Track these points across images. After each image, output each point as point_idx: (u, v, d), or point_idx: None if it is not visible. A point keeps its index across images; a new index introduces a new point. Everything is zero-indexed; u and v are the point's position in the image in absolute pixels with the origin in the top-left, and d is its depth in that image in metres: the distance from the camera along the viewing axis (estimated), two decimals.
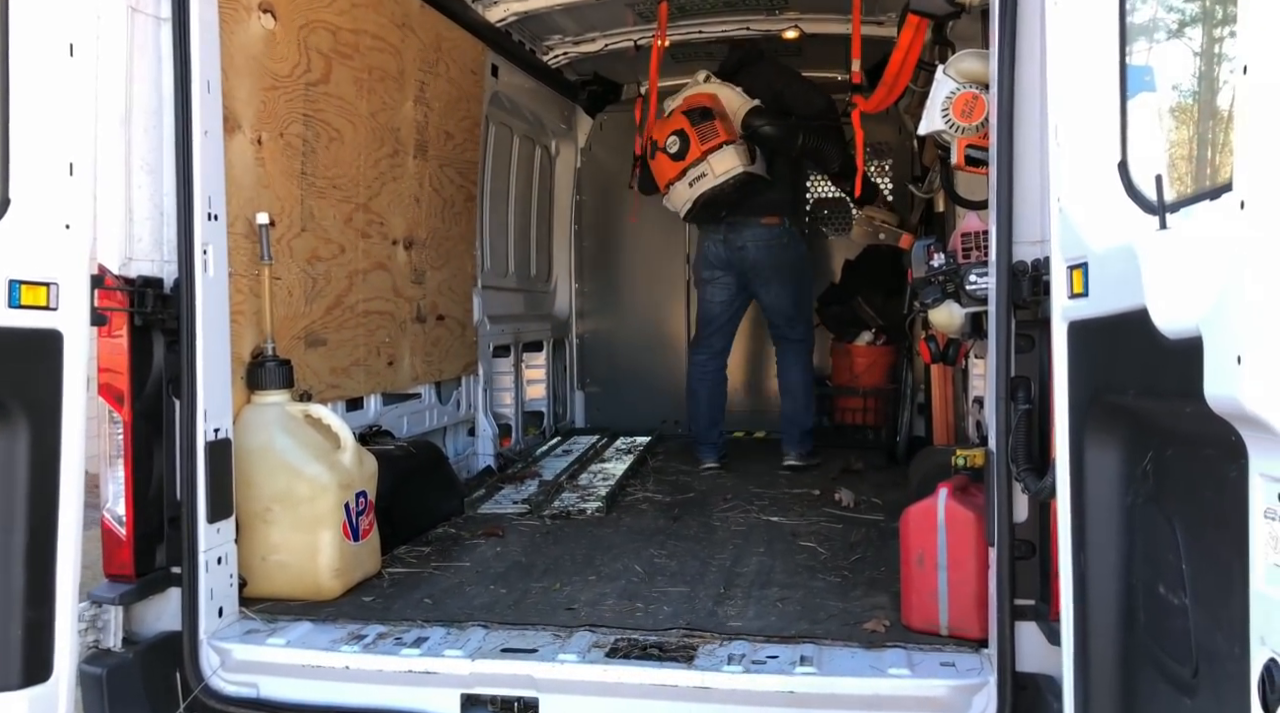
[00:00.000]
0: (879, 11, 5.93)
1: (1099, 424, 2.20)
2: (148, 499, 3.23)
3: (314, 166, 4.18)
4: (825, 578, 3.82)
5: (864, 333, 7.23)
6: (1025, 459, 2.68)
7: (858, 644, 3.10)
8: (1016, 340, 2.76)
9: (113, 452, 3.20)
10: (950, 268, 3.02)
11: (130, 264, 3.19)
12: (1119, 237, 2.11)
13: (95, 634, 3.14)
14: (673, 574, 3.89)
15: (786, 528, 4.64)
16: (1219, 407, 1.49)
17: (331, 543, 3.60)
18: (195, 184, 3.20)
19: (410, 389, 5.22)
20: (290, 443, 3.59)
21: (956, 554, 3.10)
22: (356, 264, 4.58)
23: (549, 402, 7.46)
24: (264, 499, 3.54)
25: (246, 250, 3.70)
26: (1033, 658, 2.79)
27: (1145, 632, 2.06)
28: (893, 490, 5.32)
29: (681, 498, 5.34)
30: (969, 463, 3.26)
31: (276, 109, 3.89)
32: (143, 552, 3.22)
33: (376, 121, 4.67)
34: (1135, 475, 2.09)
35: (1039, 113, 2.70)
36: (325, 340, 4.29)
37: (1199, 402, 1.56)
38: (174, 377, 3.24)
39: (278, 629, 3.32)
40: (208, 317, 3.25)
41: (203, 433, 3.24)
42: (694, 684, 2.92)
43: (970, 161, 3.15)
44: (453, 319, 5.65)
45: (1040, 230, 2.74)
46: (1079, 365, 2.30)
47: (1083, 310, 2.26)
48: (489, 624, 3.31)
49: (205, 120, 3.24)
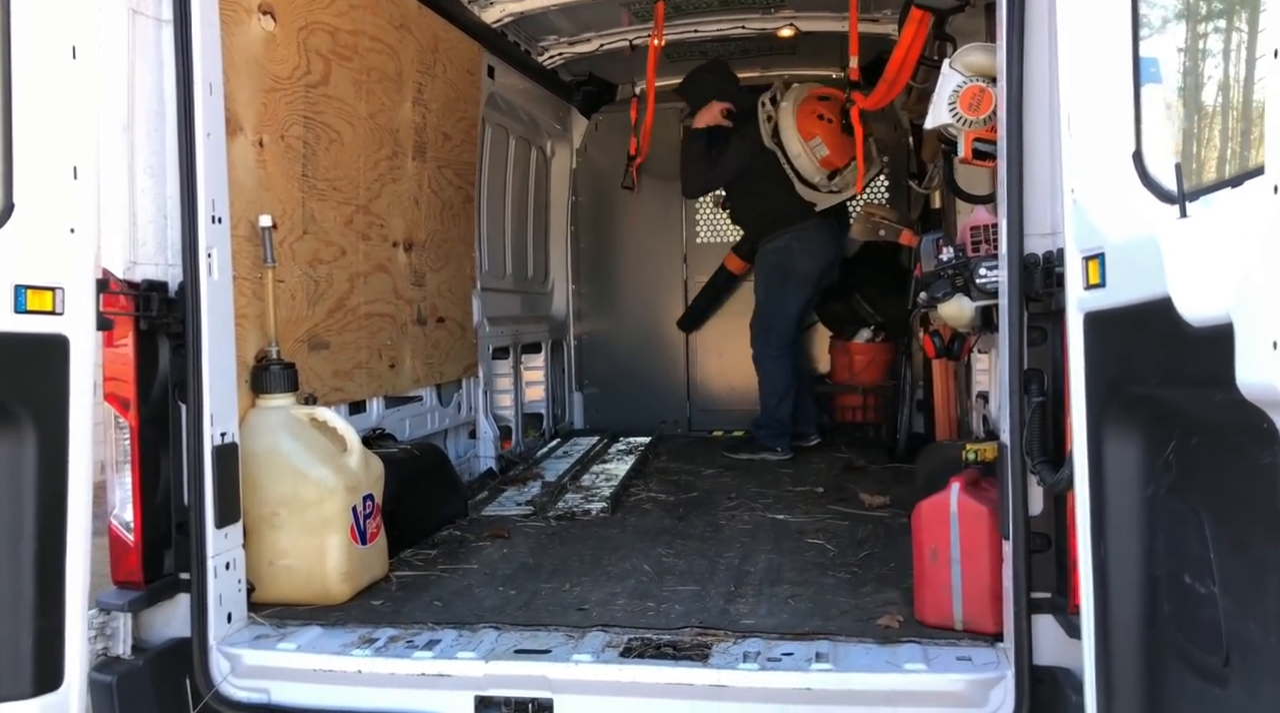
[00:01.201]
0: (874, 9, 5.93)
1: (1118, 415, 2.19)
2: (155, 505, 3.21)
3: (314, 169, 4.16)
4: (835, 575, 3.81)
5: (862, 330, 7.23)
6: (1040, 452, 2.68)
7: (872, 640, 3.10)
8: (1029, 333, 2.76)
9: (119, 458, 3.18)
10: (960, 262, 3.02)
11: (135, 268, 3.17)
12: (1137, 227, 2.11)
13: (104, 642, 3.12)
14: (682, 573, 3.87)
15: (793, 526, 4.63)
16: (1252, 394, 1.49)
17: (339, 546, 3.57)
18: (199, 187, 3.19)
19: (412, 392, 5.20)
20: (296, 446, 3.57)
21: (970, 548, 3.09)
22: (357, 267, 4.55)
23: (548, 403, 7.44)
24: (271, 503, 3.51)
25: (249, 253, 3.68)
26: (1050, 651, 2.78)
27: (1170, 622, 2.05)
28: (896, 487, 5.32)
29: (685, 498, 5.33)
30: (980, 457, 3.26)
31: (277, 111, 3.87)
32: (151, 558, 3.19)
33: (375, 123, 4.66)
34: (1156, 466, 2.09)
35: (1048, 105, 2.70)
36: (328, 343, 4.27)
37: (1229, 389, 1.56)
38: (180, 381, 3.22)
39: (287, 634, 3.30)
40: (213, 320, 3.23)
41: (210, 437, 3.22)
42: (710, 683, 2.91)
43: (978, 155, 3.14)
44: (453, 321, 5.63)
45: (1050, 222, 2.74)
46: (1096, 356, 2.30)
47: (1100, 301, 2.26)
48: (500, 626, 3.30)
49: (208, 123, 3.22)
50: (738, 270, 7.50)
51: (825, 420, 7.22)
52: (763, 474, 5.92)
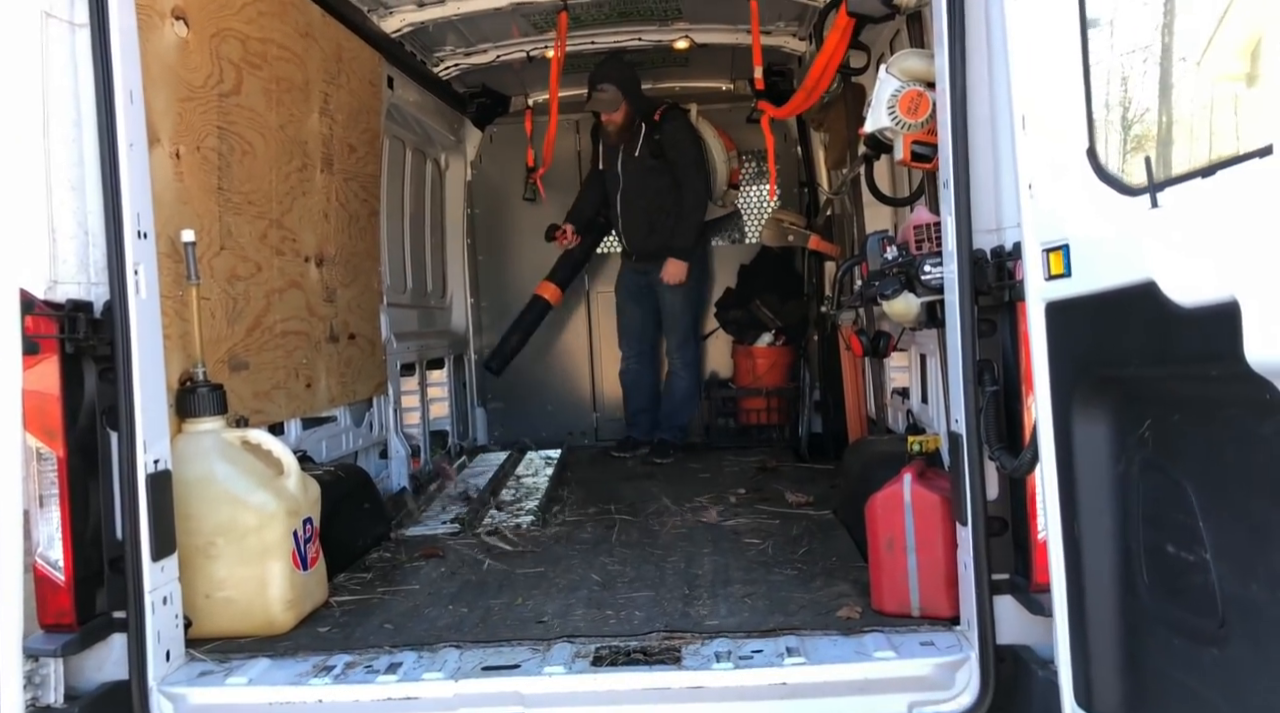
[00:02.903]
0: (768, 21, 6.08)
1: (1087, 397, 2.31)
2: (85, 540, 3.00)
3: (229, 181, 3.98)
4: (781, 572, 3.87)
5: (764, 335, 7.38)
6: (998, 439, 2.79)
7: (837, 632, 3.16)
8: (979, 325, 2.87)
9: (44, 492, 2.96)
10: (905, 260, 3.12)
11: (56, 288, 2.96)
12: (1101, 219, 2.23)
13: (33, 691, 2.89)
14: (631, 580, 3.87)
15: (726, 528, 4.68)
16: (1265, 368, 1.59)
17: (281, 574, 3.42)
18: (123, 200, 3.00)
19: (326, 412, 5.03)
20: (232, 471, 3.41)
21: (925, 536, 3.20)
22: (272, 283, 4.38)
23: (452, 420, 7.31)
24: (206, 533, 3.33)
25: (170, 270, 3.49)
26: (1009, 630, 2.90)
27: (1151, 591, 2.17)
28: (812, 485, 5.46)
29: (612, 506, 5.31)
30: (924, 449, 3.37)
31: (192, 121, 3.69)
32: (83, 597, 2.98)
33: (285, 134, 4.49)
34: (1129, 443, 2.21)
35: (989, 107, 2.83)
36: (247, 363, 4.09)
37: (1228, 363, 1.67)
38: (108, 407, 3.03)
39: (234, 669, 3.13)
40: (142, 340, 3.05)
41: (143, 465, 3.03)
42: (687, 685, 2.91)
43: (915, 157, 3.26)
44: (363, 338, 5.47)
45: (996, 218, 2.86)
46: (1060, 343, 2.41)
47: (1063, 290, 2.37)
48: (460, 644, 3.21)
49: (130, 132, 3.04)
50: (555, 300, 7.41)
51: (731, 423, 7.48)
52: (681, 479, 5.97)
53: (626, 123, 6.70)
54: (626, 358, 7.27)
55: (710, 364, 7.78)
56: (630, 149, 6.82)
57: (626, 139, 6.79)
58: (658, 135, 6.74)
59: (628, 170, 6.85)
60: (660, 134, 6.73)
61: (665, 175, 6.76)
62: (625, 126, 6.71)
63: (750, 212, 7.94)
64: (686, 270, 6.73)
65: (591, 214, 7.26)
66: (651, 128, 6.74)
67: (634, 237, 6.98)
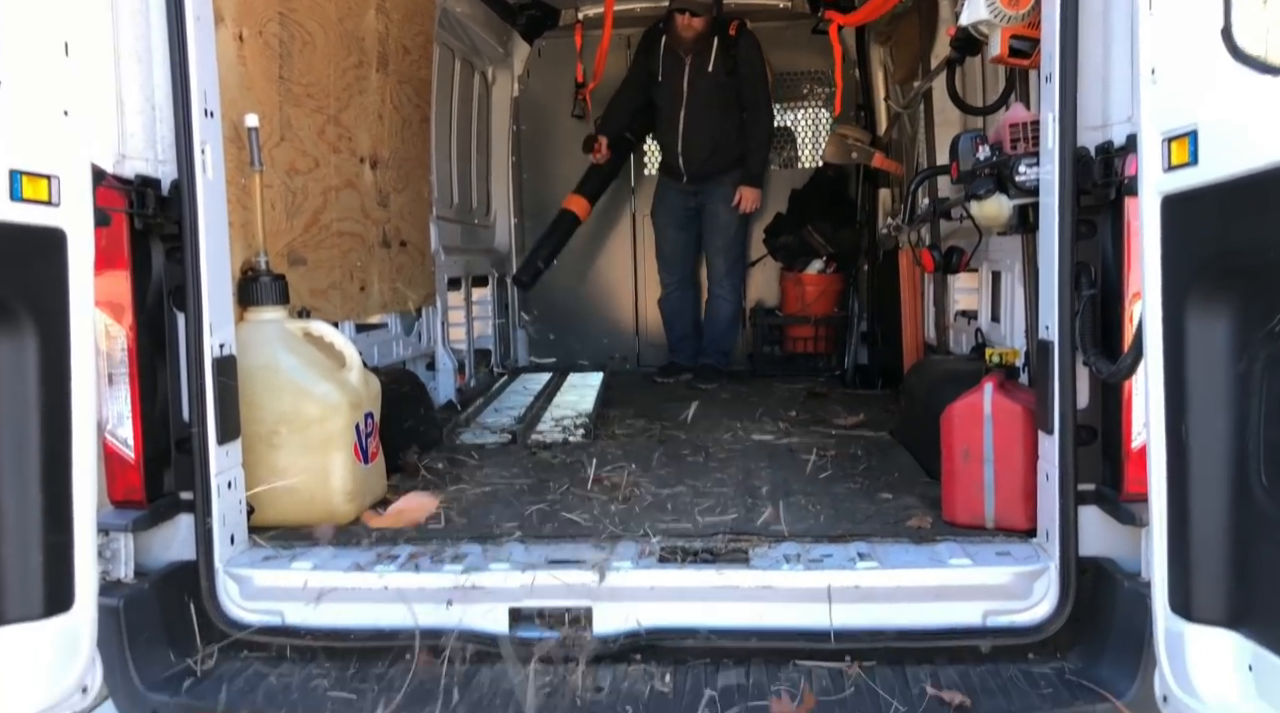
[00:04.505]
0: None
1: (1207, 292, 2.20)
2: (154, 420, 2.97)
3: (290, 71, 3.88)
4: (844, 485, 3.81)
5: (814, 262, 7.25)
6: (1094, 344, 2.69)
7: (908, 540, 3.10)
8: (1079, 227, 2.75)
9: (114, 370, 2.93)
10: (1000, 160, 2.99)
11: (124, 162, 2.90)
12: (1245, 100, 2.10)
13: (103, 564, 2.89)
14: (691, 489, 3.81)
15: (781, 445, 4.62)
16: None
17: (344, 465, 3.39)
18: (191, 76, 2.92)
19: (378, 318, 4.99)
20: (295, 361, 3.36)
21: (1004, 447, 3.11)
22: (329, 180, 4.30)
23: (495, 339, 7.26)
24: (269, 421, 3.30)
25: (232, 156, 3.40)
26: (1092, 542, 2.83)
27: (1270, 495, 2.08)
28: (866, 409, 5.38)
29: (661, 423, 5.25)
30: (1004, 360, 3.27)
31: (255, 3, 3.59)
32: (151, 476, 2.97)
33: (344, 28, 4.37)
34: (1253, 340, 2.10)
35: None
36: (305, 259, 4.03)
37: None
38: (175, 287, 2.98)
39: (298, 555, 3.12)
40: (209, 222, 2.99)
41: (210, 348, 2.99)
42: (756, 584, 2.87)
43: (1014, 53, 3.11)
44: (414, 246, 5.40)
45: (1101, 114, 2.73)
46: (1177, 237, 2.29)
47: (1185, 181, 2.25)
48: (525, 540, 3.18)
49: (197, 5, 2.95)
50: (584, 214, 7.23)
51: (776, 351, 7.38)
52: (729, 402, 5.90)
53: (706, 33, 6.41)
54: (668, 285, 7.13)
55: (754, 292, 7.66)
56: (702, 63, 6.49)
57: (699, 51, 6.50)
58: (734, 51, 6.42)
59: (695, 86, 6.52)
60: (736, 50, 6.42)
61: (733, 93, 6.50)
62: (703, 36, 6.42)
63: (803, 134, 7.74)
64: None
65: (624, 127, 7.02)
66: (726, 42, 6.43)
67: (694, 156, 6.70)
